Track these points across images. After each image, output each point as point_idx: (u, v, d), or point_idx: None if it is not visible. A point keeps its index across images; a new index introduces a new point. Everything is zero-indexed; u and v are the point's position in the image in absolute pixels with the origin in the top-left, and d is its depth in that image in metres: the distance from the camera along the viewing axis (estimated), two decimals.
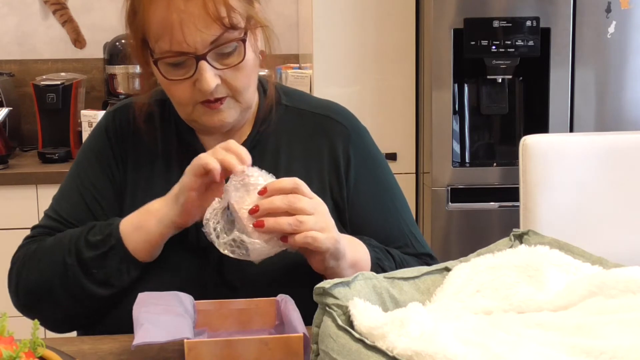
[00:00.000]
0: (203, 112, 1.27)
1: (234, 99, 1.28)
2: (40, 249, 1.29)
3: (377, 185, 1.38)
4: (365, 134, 1.42)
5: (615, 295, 0.91)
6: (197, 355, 0.99)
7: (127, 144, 1.37)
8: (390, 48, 2.86)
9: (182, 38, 1.20)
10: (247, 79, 1.28)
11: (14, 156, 3.06)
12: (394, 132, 2.89)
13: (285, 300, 1.13)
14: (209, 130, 1.33)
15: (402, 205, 1.41)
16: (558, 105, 2.69)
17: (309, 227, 1.14)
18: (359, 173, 1.36)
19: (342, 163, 1.36)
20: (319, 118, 1.39)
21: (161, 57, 1.23)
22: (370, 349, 0.82)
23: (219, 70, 1.24)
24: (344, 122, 1.39)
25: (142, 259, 1.25)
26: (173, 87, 1.26)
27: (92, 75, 3.34)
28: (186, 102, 1.27)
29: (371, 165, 1.39)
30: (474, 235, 2.71)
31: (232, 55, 1.25)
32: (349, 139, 1.37)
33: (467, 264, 1.02)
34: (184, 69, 1.24)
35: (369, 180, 1.37)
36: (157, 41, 1.23)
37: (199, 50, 1.21)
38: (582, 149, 1.71)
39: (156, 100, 1.39)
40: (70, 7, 3.34)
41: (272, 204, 1.14)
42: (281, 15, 3.35)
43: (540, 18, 2.63)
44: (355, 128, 1.40)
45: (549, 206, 1.68)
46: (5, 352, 0.86)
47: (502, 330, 0.87)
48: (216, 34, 1.21)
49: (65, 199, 1.36)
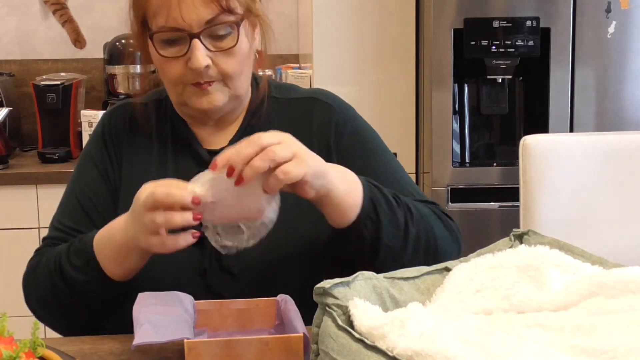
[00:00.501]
0: (193, 93, 1.30)
1: (223, 82, 1.30)
2: (39, 265, 1.31)
3: (368, 152, 1.39)
4: (350, 108, 1.44)
5: (615, 295, 0.91)
6: (197, 355, 0.99)
7: (122, 143, 1.39)
8: (390, 48, 2.86)
9: (178, 14, 1.24)
10: (239, 65, 1.30)
11: (14, 156, 3.06)
12: (394, 132, 2.89)
13: (285, 300, 1.13)
14: (200, 117, 1.35)
15: (397, 168, 1.40)
16: (558, 105, 2.69)
17: (280, 156, 1.08)
18: (347, 143, 1.37)
19: (331, 137, 1.37)
20: (305, 102, 1.41)
21: (157, 31, 1.27)
22: (370, 349, 0.82)
23: (212, 52, 1.27)
24: (328, 100, 1.41)
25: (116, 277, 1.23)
26: (166, 65, 1.29)
27: (92, 75, 3.33)
28: (177, 81, 1.30)
29: (360, 134, 1.40)
30: (474, 235, 2.71)
31: (226, 39, 1.28)
32: (334, 113, 1.39)
33: (467, 264, 1.02)
34: (177, 47, 1.27)
35: (358, 148, 1.38)
36: (154, 16, 1.27)
37: (194, 28, 1.25)
38: (582, 149, 1.70)
39: (153, 100, 1.42)
40: (70, 7, 3.33)
41: (240, 153, 1.09)
42: (281, 15, 3.35)
43: (540, 18, 2.63)
44: (340, 104, 1.42)
45: (549, 206, 1.68)
46: (5, 352, 0.86)
47: (502, 330, 0.87)
48: (212, 14, 1.25)
49: (65, 206, 1.39)
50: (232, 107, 1.35)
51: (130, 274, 1.23)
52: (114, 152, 1.39)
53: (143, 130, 1.39)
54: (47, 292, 1.28)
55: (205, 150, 1.36)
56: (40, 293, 1.29)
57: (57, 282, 1.26)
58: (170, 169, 1.35)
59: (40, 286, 1.29)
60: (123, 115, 1.41)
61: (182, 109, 1.37)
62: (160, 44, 1.28)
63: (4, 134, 2.97)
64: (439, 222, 1.31)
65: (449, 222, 1.33)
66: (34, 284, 1.30)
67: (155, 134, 1.38)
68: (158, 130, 1.39)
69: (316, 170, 1.13)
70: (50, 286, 1.27)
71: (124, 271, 1.23)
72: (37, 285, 1.30)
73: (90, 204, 1.36)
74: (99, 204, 1.36)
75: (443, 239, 1.30)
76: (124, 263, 1.22)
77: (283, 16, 3.36)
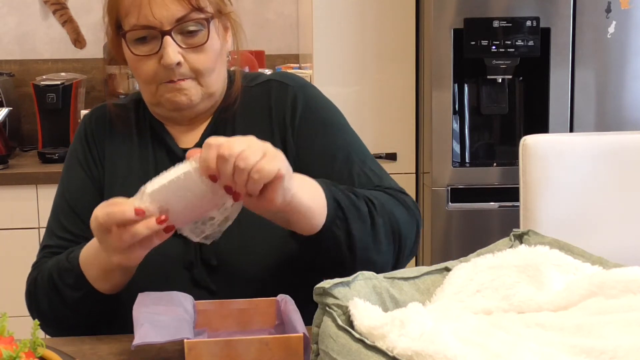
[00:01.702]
0: (166, 90, 1.32)
1: (196, 80, 1.32)
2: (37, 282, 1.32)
3: (326, 127, 1.38)
4: (309, 86, 1.44)
5: (615, 295, 0.91)
6: (197, 355, 0.99)
7: (104, 143, 1.41)
8: (390, 48, 2.86)
9: (149, 12, 1.27)
10: (210, 62, 1.32)
11: (14, 156, 3.06)
12: (394, 132, 2.89)
13: (285, 300, 1.13)
14: (174, 116, 1.37)
15: (357, 143, 1.39)
16: (558, 105, 2.69)
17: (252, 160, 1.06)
18: (303, 119, 1.37)
19: (287, 115, 1.37)
20: (265, 85, 1.42)
21: (129, 30, 1.30)
22: (370, 349, 0.82)
23: (183, 49, 1.30)
24: (285, 80, 1.42)
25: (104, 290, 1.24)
26: (140, 64, 1.31)
27: (92, 75, 3.34)
28: (151, 80, 1.32)
29: (316, 110, 1.39)
30: (474, 235, 2.71)
31: (197, 36, 1.31)
32: (289, 92, 1.39)
33: (467, 264, 1.02)
34: (149, 45, 1.30)
35: (315, 123, 1.37)
36: (126, 16, 1.30)
37: (165, 25, 1.28)
38: (582, 149, 1.70)
39: (132, 101, 1.44)
40: (70, 7, 3.34)
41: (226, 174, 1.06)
42: (281, 15, 3.35)
43: (540, 18, 2.63)
44: (298, 82, 1.42)
45: (549, 206, 1.68)
46: (5, 352, 0.86)
47: (502, 330, 0.87)
48: (183, 11, 1.28)
49: (58, 211, 1.40)
50: (205, 105, 1.36)
51: (118, 288, 1.24)
52: (96, 151, 1.41)
53: (123, 130, 1.41)
54: (45, 307, 1.30)
55: (181, 149, 1.37)
56: (40, 308, 1.31)
57: (53, 299, 1.28)
58: (151, 166, 1.36)
59: (40, 302, 1.31)
60: (104, 115, 1.43)
61: (155, 110, 1.39)
62: (133, 43, 1.30)
63: (4, 134, 2.97)
64: (398, 205, 1.30)
65: (405, 201, 1.32)
66: (35, 300, 1.32)
67: (135, 133, 1.40)
68: (138, 129, 1.41)
69: (287, 166, 1.10)
70: (48, 302, 1.29)
71: (111, 286, 1.24)
72: (38, 302, 1.31)
73: (80, 206, 1.37)
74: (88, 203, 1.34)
75: (405, 222, 1.29)
76: (110, 279, 1.23)
77: (283, 16, 3.36)
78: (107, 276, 1.22)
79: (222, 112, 1.40)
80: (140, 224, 1.08)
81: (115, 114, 1.42)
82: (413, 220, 1.32)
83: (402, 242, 1.28)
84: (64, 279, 1.27)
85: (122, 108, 1.43)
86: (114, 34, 1.34)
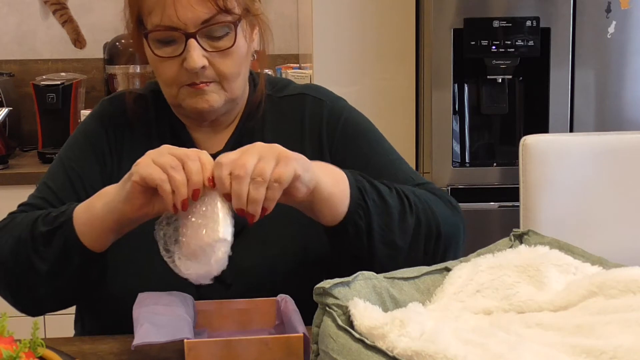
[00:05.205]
0: (187, 94, 1.27)
1: (219, 85, 1.27)
2: (9, 224, 1.26)
3: (363, 141, 1.37)
4: (341, 100, 1.42)
5: (615, 295, 0.91)
6: (197, 355, 0.99)
7: (124, 136, 1.36)
8: (390, 48, 2.86)
9: (173, 13, 1.21)
10: (236, 67, 1.28)
11: (14, 156, 3.06)
12: (394, 132, 2.88)
13: (285, 300, 1.13)
14: (195, 119, 1.33)
15: (394, 155, 1.39)
16: (558, 105, 2.69)
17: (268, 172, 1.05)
18: (341, 135, 1.36)
19: (324, 132, 1.36)
20: (297, 98, 1.39)
21: (151, 30, 1.24)
22: (370, 349, 0.82)
23: (208, 52, 1.25)
24: (318, 95, 1.40)
25: (89, 245, 1.18)
26: (161, 65, 1.27)
27: (92, 75, 3.33)
28: (172, 82, 1.27)
29: (353, 125, 1.38)
30: (474, 235, 2.69)
31: (223, 40, 1.25)
32: (325, 107, 1.38)
33: (467, 264, 1.02)
34: (173, 47, 1.25)
35: (353, 138, 1.36)
36: (149, 15, 1.24)
37: (190, 27, 1.23)
38: (582, 149, 1.70)
39: (151, 91, 1.39)
40: (70, 7, 3.33)
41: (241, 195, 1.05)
42: (281, 15, 3.35)
43: (540, 18, 2.63)
44: (331, 98, 1.41)
45: (549, 206, 1.68)
46: (5, 352, 0.86)
47: (502, 330, 0.87)
48: (209, 13, 1.23)
49: (52, 180, 1.34)
50: (227, 109, 1.33)
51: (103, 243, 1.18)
52: (114, 140, 1.35)
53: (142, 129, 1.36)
54: (5, 249, 1.22)
55: None
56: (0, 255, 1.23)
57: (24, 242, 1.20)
58: None
59: (1, 247, 1.23)
60: (123, 104, 1.38)
61: (177, 110, 1.35)
62: (156, 43, 1.26)
63: (4, 134, 2.97)
64: (441, 203, 1.29)
65: (449, 201, 1.31)
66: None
67: (155, 135, 1.36)
68: (158, 130, 1.36)
69: (303, 162, 1.10)
70: (12, 243, 1.21)
71: (97, 245, 1.17)
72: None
73: (80, 184, 1.32)
74: (89, 187, 1.30)
75: (447, 222, 1.27)
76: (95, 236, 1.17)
77: (283, 16, 3.36)
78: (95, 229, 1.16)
79: (248, 120, 1.36)
80: None
81: (133, 112, 1.36)
82: (458, 221, 1.30)
83: (444, 241, 1.25)
84: (49, 215, 1.20)
85: (141, 100, 1.37)
86: (136, 29, 1.28)
